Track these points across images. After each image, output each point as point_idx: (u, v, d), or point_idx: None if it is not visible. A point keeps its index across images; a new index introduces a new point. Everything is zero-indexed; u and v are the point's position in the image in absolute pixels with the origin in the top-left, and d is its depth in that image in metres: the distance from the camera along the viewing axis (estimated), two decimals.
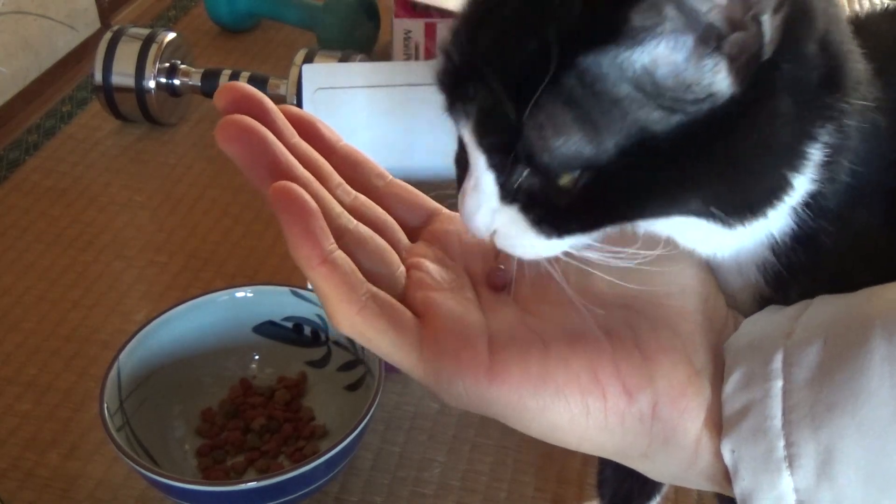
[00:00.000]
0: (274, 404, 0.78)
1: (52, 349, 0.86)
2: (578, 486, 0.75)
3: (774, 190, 0.39)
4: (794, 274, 0.43)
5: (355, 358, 0.78)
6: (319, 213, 0.39)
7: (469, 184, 0.41)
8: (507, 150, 0.38)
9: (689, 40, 0.35)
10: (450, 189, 0.45)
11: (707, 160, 0.37)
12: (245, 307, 0.79)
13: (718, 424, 0.41)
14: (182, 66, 1.11)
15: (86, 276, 0.94)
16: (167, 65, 1.10)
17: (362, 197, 0.46)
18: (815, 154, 0.39)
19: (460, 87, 0.39)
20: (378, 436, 0.79)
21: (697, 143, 0.37)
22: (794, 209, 0.41)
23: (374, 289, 0.41)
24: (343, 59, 1.05)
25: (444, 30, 1.15)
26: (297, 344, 0.80)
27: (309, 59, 1.05)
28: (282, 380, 0.80)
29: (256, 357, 0.81)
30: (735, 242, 0.42)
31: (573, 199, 0.38)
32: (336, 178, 0.45)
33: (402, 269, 0.43)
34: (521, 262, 0.43)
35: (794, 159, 0.38)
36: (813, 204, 0.41)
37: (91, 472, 0.75)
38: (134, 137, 1.14)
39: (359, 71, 0.81)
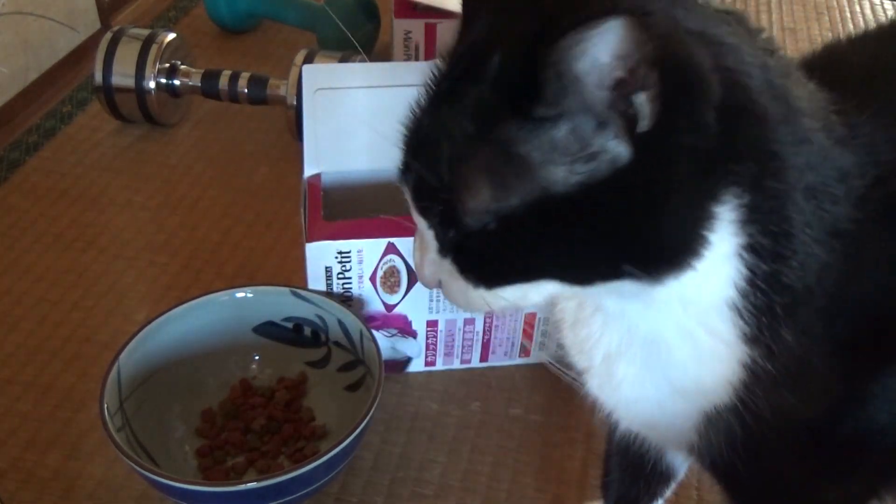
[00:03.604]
0: (274, 405, 0.78)
1: (52, 350, 0.86)
2: (578, 487, 0.75)
3: (689, 244, 0.43)
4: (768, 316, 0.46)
5: (355, 358, 0.78)
6: None
7: (416, 241, 0.49)
8: (434, 211, 0.45)
9: (589, 121, 0.40)
10: None
11: (611, 219, 0.42)
12: (245, 308, 0.79)
13: None
14: (182, 67, 1.11)
15: (86, 276, 0.94)
16: (167, 65, 1.10)
17: None
18: (726, 213, 0.43)
19: (405, 163, 0.46)
20: (378, 436, 0.79)
21: (601, 203, 0.42)
22: (739, 256, 0.44)
23: None
24: (343, 60, 1.05)
25: (444, 31, 1.16)
26: (297, 344, 0.80)
27: (309, 60, 1.05)
28: (282, 380, 0.80)
29: (256, 357, 0.81)
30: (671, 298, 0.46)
31: (489, 248, 0.45)
32: None
33: None
34: None
35: (701, 218, 0.42)
36: (760, 251, 0.44)
37: (91, 473, 0.75)
38: (134, 138, 1.14)
39: (359, 71, 0.81)
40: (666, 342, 0.48)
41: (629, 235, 0.42)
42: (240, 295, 0.79)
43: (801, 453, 0.51)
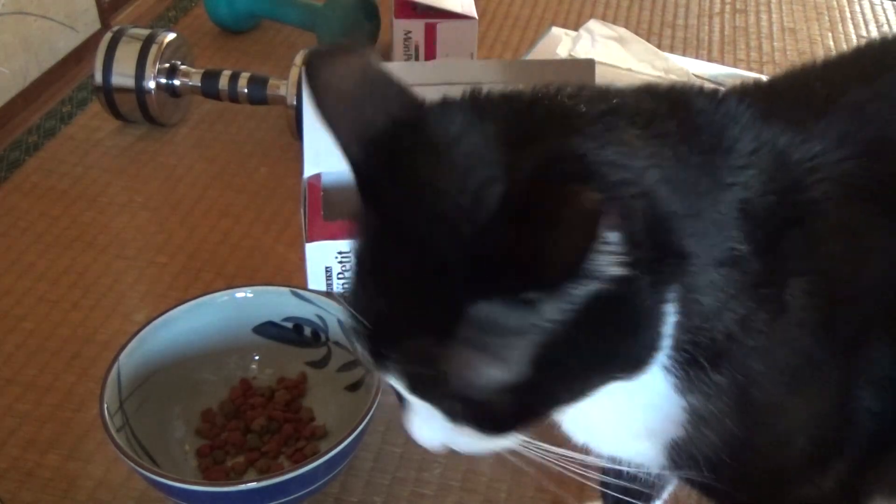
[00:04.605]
0: (274, 405, 0.78)
1: (52, 350, 0.86)
2: (578, 487, 0.75)
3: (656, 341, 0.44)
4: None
5: (355, 358, 0.78)
6: None
7: (411, 414, 0.47)
8: (436, 394, 0.44)
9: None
10: None
11: (596, 343, 0.42)
12: (245, 308, 0.79)
13: None
14: (182, 67, 1.11)
15: (86, 276, 0.94)
16: (167, 65, 1.10)
17: None
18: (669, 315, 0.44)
19: (377, 353, 0.44)
20: (378, 436, 0.79)
21: (583, 329, 0.41)
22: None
23: None
24: None
25: (444, 31, 1.16)
26: (297, 344, 0.80)
27: None
28: (282, 380, 0.80)
29: (256, 357, 0.81)
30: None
31: (502, 404, 0.43)
32: None
33: None
34: None
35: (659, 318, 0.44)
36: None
37: (91, 473, 0.75)
38: (134, 138, 1.14)
39: None
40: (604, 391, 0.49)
41: (615, 353, 0.44)
42: (240, 295, 0.79)
43: (771, 467, 0.51)
